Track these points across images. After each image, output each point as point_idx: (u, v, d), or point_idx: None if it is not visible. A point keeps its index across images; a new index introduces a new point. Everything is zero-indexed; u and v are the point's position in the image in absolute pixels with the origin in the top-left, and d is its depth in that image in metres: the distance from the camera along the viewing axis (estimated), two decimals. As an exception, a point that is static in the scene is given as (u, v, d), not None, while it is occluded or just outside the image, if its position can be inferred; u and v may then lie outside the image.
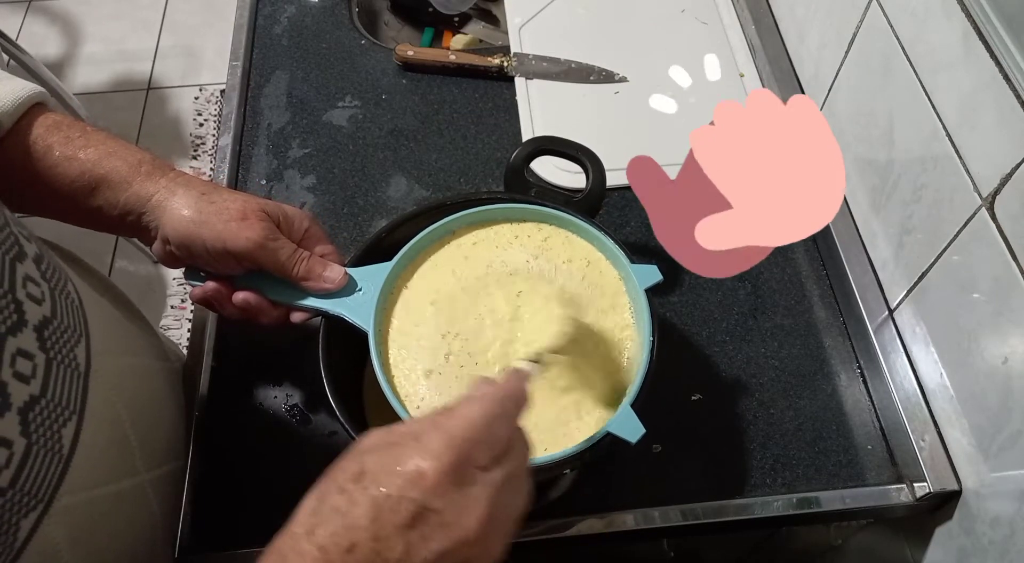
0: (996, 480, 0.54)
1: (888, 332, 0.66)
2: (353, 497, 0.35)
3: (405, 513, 0.34)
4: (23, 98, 0.51)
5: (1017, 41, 0.48)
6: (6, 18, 2.20)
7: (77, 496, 0.43)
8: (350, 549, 0.34)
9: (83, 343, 0.47)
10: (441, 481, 0.35)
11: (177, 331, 1.65)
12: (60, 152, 0.52)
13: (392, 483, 0.35)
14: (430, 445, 0.36)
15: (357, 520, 0.34)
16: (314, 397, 0.66)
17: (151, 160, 0.54)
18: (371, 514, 0.34)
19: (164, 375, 0.62)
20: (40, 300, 0.43)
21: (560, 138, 0.62)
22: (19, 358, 0.39)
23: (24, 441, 0.39)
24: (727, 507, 0.61)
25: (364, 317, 0.54)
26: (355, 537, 0.34)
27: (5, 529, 0.38)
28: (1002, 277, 0.51)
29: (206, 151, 1.93)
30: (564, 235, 0.59)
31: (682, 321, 0.70)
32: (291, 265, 0.54)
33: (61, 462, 0.42)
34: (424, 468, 0.35)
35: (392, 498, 0.35)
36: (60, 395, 0.43)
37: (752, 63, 0.86)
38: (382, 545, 0.34)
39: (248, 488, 0.63)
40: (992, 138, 0.51)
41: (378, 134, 0.83)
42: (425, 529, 0.35)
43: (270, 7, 0.96)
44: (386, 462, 0.36)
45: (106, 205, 0.53)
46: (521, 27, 0.91)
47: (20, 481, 0.39)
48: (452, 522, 0.35)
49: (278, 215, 0.55)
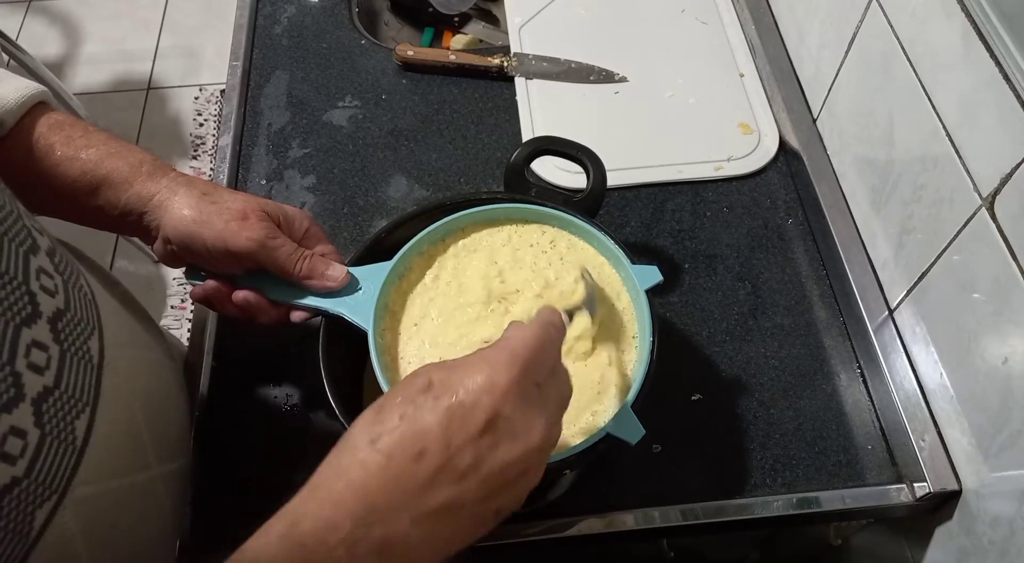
0: (996, 480, 0.54)
1: (888, 332, 0.66)
2: (422, 404, 0.36)
3: (478, 420, 0.35)
4: (26, 97, 0.51)
5: (1017, 41, 0.48)
6: (6, 18, 2.20)
7: (91, 487, 0.44)
8: (419, 456, 0.34)
9: (96, 335, 0.47)
10: (512, 389, 0.37)
11: (177, 331, 1.65)
12: (62, 152, 0.52)
13: (464, 391, 0.36)
14: (497, 359, 0.37)
15: (428, 426, 0.35)
16: (314, 397, 0.66)
17: (152, 160, 0.54)
18: (443, 421, 0.35)
19: (172, 371, 0.62)
20: (54, 292, 0.43)
21: (561, 138, 0.62)
22: (34, 349, 0.40)
23: (38, 432, 0.39)
24: (727, 507, 0.61)
25: (364, 316, 0.54)
26: (424, 444, 0.35)
27: (20, 519, 0.38)
28: (1002, 277, 0.51)
29: (206, 151, 1.93)
30: (566, 237, 0.59)
31: (682, 321, 0.70)
32: (292, 264, 0.54)
33: (75, 453, 0.42)
34: (496, 378, 0.36)
35: (465, 405, 0.36)
36: (74, 387, 0.43)
37: (752, 63, 0.86)
38: (453, 452, 0.35)
39: (248, 488, 0.63)
40: (992, 138, 0.51)
41: (378, 134, 0.83)
42: (495, 437, 0.36)
43: (270, 7, 0.96)
44: (455, 375, 0.37)
45: (107, 205, 0.53)
46: (521, 27, 0.91)
47: (35, 471, 0.39)
48: (520, 431, 0.37)
49: (278, 215, 0.55)
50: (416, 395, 0.36)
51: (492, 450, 0.36)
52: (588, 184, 0.61)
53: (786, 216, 0.76)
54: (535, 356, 0.39)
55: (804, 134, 0.79)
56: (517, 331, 0.40)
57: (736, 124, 0.82)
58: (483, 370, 0.37)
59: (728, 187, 0.78)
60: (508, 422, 0.36)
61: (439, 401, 0.36)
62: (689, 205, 0.77)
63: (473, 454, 0.35)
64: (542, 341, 0.40)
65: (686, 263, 0.73)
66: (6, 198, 0.42)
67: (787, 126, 0.80)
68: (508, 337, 0.39)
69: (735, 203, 0.77)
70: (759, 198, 0.78)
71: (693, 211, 0.77)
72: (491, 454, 0.36)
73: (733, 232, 0.75)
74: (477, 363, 0.38)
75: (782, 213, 0.77)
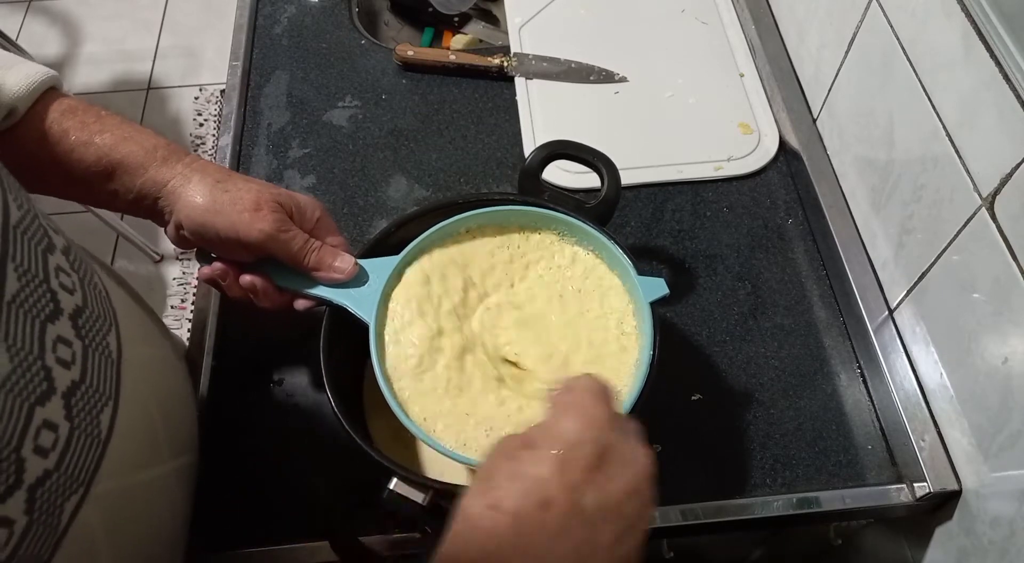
0: (996, 480, 0.54)
1: (888, 332, 0.66)
2: (531, 459, 0.35)
3: (589, 455, 0.35)
4: (37, 83, 0.51)
5: (1017, 41, 0.48)
6: (6, 18, 2.20)
7: (113, 481, 0.44)
8: (544, 505, 0.34)
9: (113, 331, 0.47)
10: (610, 419, 0.37)
11: (177, 331, 1.65)
12: (76, 137, 0.52)
13: (568, 433, 0.36)
14: (582, 401, 0.37)
15: (544, 476, 0.34)
16: (314, 397, 0.66)
17: (166, 145, 0.54)
18: (556, 466, 0.35)
19: (180, 368, 0.63)
20: (72, 290, 0.43)
21: (577, 143, 0.62)
22: (59, 345, 0.40)
23: (68, 425, 0.40)
24: (727, 507, 0.61)
25: (367, 309, 0.54)
26: (546, 491, 0.34)
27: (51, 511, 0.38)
28: (1002, 277, 0.51)
29: (206, 151, 1.93)
30: (571, 248, 0.59)
31: (682, 321, 0.70)
32: (303, 255, 0.54)
33: (99, 446, 0.43)
34: (592, 413, 0.37)
35: (573, 445, 0.35)
36: (97, 381, 0.43)
37: (752, 63, 0.86)
38: (575, 493, 0.34)
39: (248, 488, 0.63)
40: (992, 138, 0.51)
41: (378, 134, 0.83)
42: (609, 469, 0.35)
43: (270, 7, 0.96)
44: (550, 427, 0.37)
45: (122, 189, 0.53)
46: (521, 27, 0.91)
47: (64, 464, 0.39)
48: (630, 457, 0.36)
49: (291, 205, 0.55)
50: (518, 453, 0.36)
51: (610, 481, 0.35)
52: (603, 191, 0.61)
53: (786, 216, 0.76)
54: (608, 395, 0.39)
55: (804, 134, 0.79)
56: (577, 382, 0.39)
57: (736, 124, 0.82)
58: (575, 412, 0.37)
59: (728, 187, 0.78)
60: (617, 451, 0.36)
61: (543, 452, 0.35)
62: (689, 205, 0.77)
63: (595, 490, 0.35)
64: (605, 384, 0.40)
65: (686, 263, 0.73)
66: (23, 198, 0.42)
67: (787, 126, 0.80)
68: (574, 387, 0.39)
69: (735, 203, 0.77)
70: (759, 198, 0.78)
71: (693, 211, 0.77)
72: (610, 485, 0.35)
73: (733, 232, 0.75)
74: (563, 409, 0.37)
75: (782, 213, 0.77)
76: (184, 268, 1.75)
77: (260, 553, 0.59)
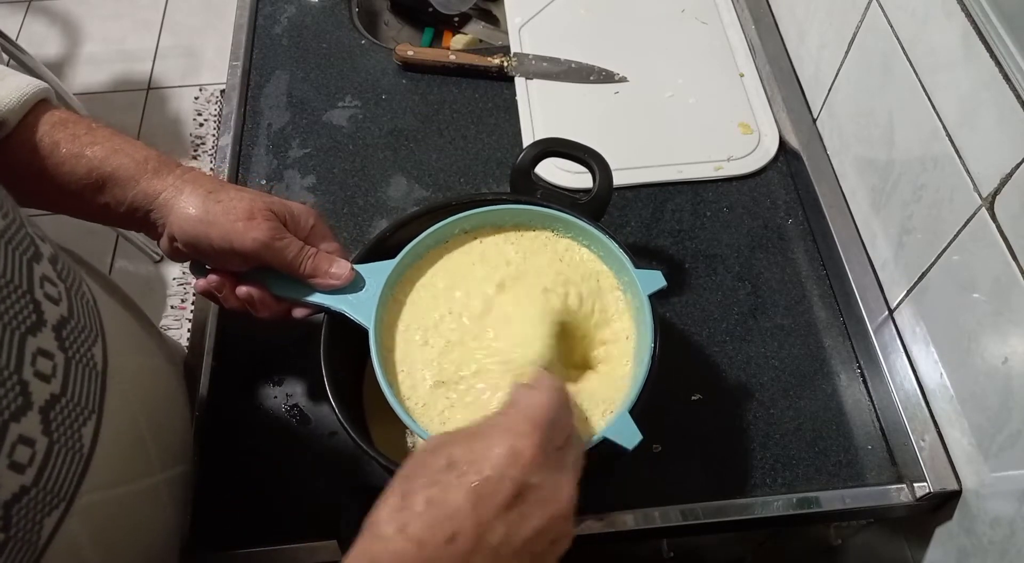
0: (996, 480, 0.54)
1: (888, 332, 0.66)
2: (448, 484, 0.35)
3: (506, 493, 0.35)
4: (28, 95, 0.51)
5: (1017, 41, 0.48)
6: (6, 18, 2.20)
7: (98, 494, 0.44)
8: (451, 539, 0.34)
9: (99, 342, 0.47)
10: (537, 457, 0.36)
11: (177, 331, 1.65)
12: (67, 149, 0.52)
13: (490, 465, 0.35)
14: (517, 427, 0.37)
15: (456, 507, 0.34)
16: (314, 397, 0.66)
17: (157, 157, 0.54)
18: (471, 499, 0.34)
19: (174, 376, 0.62)
20: (57, 300, 0.43)
21: (568, 140, 0.62)
22: (39, 357, 0.40)
23: (46, 440, 0.39)
24: (727, 507, 0.61)
25: (366, 314, 0.54)
26: (456, 525, 0.34)
27: (29, 527, 0.38)
28: (1002, 277, 0.51)
29: (206, 151, 1.93)
30: (566, 242, 0.59)
31: (682, 321, 0.70)
32: (298, 263, 0.54)
33: (82, 461, 0.42)
34: (519, 446, 0.36)
35: (492, 480, 0.35)
36: (79, 394, 0.43)
37: (752, 63, 0.86)
38: (484, 529, 0.34)
39: (248, 488, 0.63)
40: (992, 138, 0.51)
41: (378, 134, 0.83)
42: (524, 508, 0.35)
43: (270, 7, 0.96)
44: (476, 448, 0.36)
45: (113, 202, 0.53)
46: (521, 27, 0.91)
47: (43, 480, 0.39)
48: (549, 497, 0.36)
49: (284, 213, 0.55)
50: (439, 475, 0.36)
51: (524, 520, 0.35)
52: (594, 187, 0.61)
53: (786, 216, 0.76)
54: (553, 418, 0.38)
55: (804, 134, 0.79)
56: (531, 396, 0.39)
57: (736, 124, 0.82)
58: (505, 440, 0.36)
59: (728, 187, 0.78)
60: (536, 490, 0.36)
61: (464, 478, 0.35)
62: (689, 205, 0.77)
63: (504, 528, 0.35)
64: (557, 403, 0.39)
65: (686, 263, 0.73)
66: (9, 206, 0.41)
67: (787, 126, 0.80)
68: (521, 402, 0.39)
69: (735, 203, 0.77)
70: (759, 198, 0.78)
71: (693, 211, 0.77)
72: (523, 524, 0.35)
73: (733, 232, 0.75)
74: (497, 433, 0.37)
75: (782, 213, 0.77)
76: (184, 268, 1.75)
77: (260, 553, 0.59)
